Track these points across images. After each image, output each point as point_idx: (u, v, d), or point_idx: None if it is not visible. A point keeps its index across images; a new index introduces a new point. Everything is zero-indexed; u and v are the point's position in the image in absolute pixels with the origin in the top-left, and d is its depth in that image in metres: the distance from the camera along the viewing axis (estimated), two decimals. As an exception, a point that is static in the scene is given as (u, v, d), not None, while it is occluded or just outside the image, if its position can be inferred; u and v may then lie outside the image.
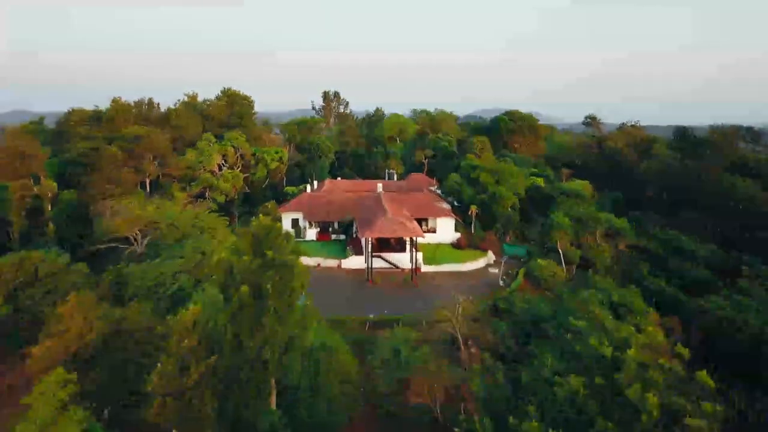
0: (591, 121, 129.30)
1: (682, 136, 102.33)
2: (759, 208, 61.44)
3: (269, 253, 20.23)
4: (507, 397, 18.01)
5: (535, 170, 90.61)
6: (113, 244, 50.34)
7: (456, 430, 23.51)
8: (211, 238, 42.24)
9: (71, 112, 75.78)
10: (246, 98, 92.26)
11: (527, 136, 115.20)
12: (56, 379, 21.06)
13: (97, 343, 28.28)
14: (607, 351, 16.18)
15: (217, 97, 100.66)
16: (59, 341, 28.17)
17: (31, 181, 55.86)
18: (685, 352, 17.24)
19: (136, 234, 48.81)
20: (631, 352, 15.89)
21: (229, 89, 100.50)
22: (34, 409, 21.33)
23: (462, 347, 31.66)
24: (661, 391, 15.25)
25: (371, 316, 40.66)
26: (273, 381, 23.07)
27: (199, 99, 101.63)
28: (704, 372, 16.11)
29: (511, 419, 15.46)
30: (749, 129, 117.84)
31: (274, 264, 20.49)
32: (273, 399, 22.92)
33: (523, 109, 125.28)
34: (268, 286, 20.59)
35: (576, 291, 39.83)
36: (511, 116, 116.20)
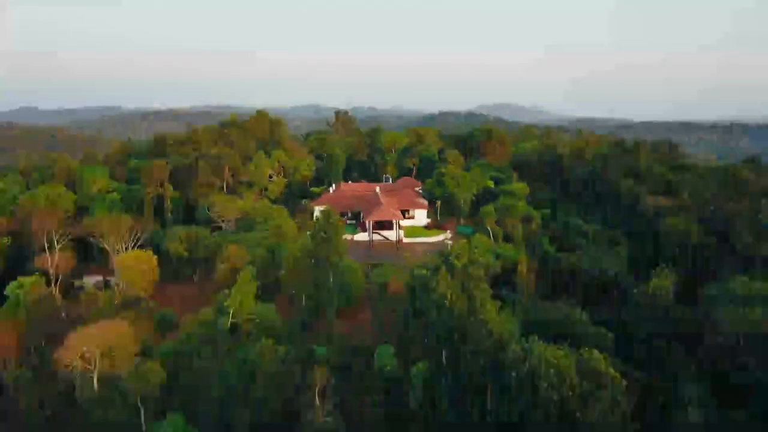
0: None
1: (618, 144, 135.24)
2: (635, 201, 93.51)
3: (328, 228, 52.42)
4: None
5: (495, 174, 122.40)
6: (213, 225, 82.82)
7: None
8: (281, 220, 74.51)
9: (165, 136, 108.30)
10: (279, 120, 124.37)
11: (495, 145, 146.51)
12: (248, 274, 53.39)
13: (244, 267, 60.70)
14: (458, 263, 48.06)
15: (253, 117, 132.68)
16: (227, 267, 60.80)
17: (159, 185, 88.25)
18: (491, 259, 49.42)
19: (229, 219, 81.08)
20: (462, 260, 47.82)
21: (262, 111, 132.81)
22: (234, 291, 53.55)
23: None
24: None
25: (372, 261, 72.90)
26: (331, 280, 55.34)
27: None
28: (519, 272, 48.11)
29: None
30: (669, 140, 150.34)
31: (330, 232, 52.65)
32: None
33: (525, 105, 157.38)
34: (328, 244, 52.89)
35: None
36: (482, 130, 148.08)
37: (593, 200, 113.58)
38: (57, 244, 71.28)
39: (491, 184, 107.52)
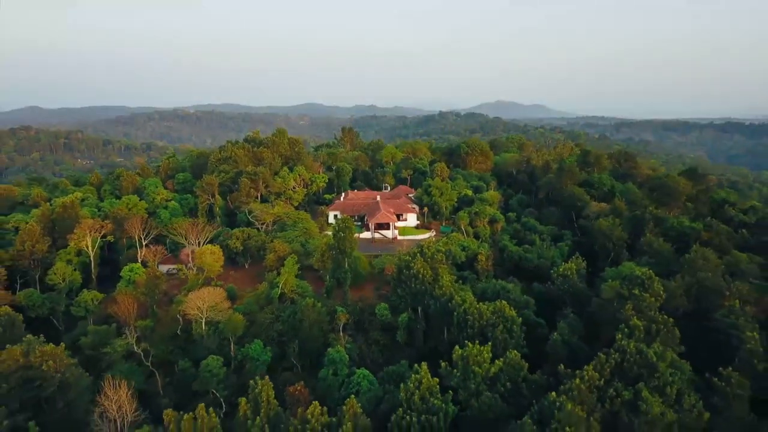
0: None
1: (584, 155, 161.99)
2: (583, 206, 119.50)
3: (344, 229, 78.93)
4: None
5: (477, 183, 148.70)
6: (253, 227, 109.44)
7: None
8: (307, 223, 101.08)
9: (207, 153, 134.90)
10: (298, 140, 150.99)
11: (479, 156, 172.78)
12: (292, 259, 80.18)
13: (287, 255, 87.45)
14: (428, 252, 73.81)
15: (274, 134, 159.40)
16: (274, 256, 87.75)
17: (210, 195, 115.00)
18: (458, 251, 75.87)
19: (265, 222, 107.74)
20: (431, 250, 73.56)
21: (282, 130, 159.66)
22: (283, 271, 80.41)
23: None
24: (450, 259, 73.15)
25: (374, 253, 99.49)
26: (346, 264, 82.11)
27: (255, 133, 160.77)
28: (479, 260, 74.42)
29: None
30: (625, 151, 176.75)
31: (345, 232, 79.18)
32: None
33: (526, 103, 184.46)
34: (344, 240, 79.67)
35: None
36: (468, 144, 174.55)
37: (553, 205, 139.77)
38: (144, 240, 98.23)
39: (470, 192, 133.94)
